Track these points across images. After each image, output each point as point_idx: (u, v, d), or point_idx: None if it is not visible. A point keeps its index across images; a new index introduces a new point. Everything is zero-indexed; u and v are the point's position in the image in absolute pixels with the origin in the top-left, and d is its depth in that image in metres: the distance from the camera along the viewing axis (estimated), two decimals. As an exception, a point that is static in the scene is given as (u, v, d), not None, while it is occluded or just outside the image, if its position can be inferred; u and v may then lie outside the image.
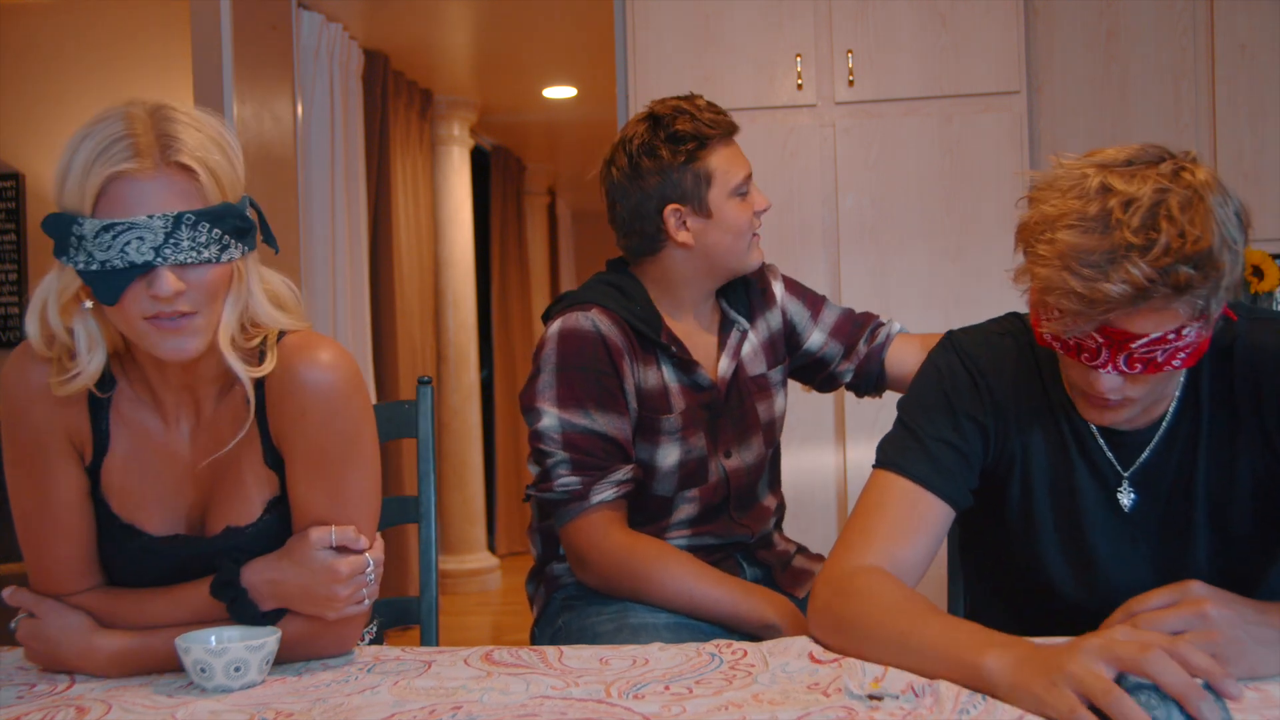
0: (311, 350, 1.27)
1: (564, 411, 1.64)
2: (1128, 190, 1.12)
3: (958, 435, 1.32)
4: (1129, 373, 1.16)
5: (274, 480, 1.30)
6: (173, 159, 1.16)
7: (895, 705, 1.01)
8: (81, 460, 1.29)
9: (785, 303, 1.89)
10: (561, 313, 1.72)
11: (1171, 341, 1.14)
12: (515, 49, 4.84)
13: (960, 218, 3.02)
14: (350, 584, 1.24)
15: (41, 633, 1.27)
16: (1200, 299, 1.11)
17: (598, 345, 1.66)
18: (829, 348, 1.88)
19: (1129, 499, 1.30)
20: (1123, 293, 1.09)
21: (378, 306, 4.74)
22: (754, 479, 1.81)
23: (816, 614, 1.23)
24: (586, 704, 1.06)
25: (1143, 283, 1.09)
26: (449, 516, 5.59)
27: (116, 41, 4.26)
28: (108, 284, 1.15)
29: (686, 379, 1.74)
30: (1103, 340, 1.15)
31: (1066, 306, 1.13)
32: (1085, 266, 1.10)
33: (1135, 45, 3.15)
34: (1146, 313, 1.12)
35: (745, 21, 3.10)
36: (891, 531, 1.26)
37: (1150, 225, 1.09)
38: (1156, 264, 1.08)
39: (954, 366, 1.37)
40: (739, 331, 1.82)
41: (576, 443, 1.63)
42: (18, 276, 4.36)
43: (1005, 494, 1.35)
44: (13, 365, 1.27)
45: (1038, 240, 1.15)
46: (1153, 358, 1.15)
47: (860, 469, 3.01)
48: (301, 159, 3.78)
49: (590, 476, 1.63)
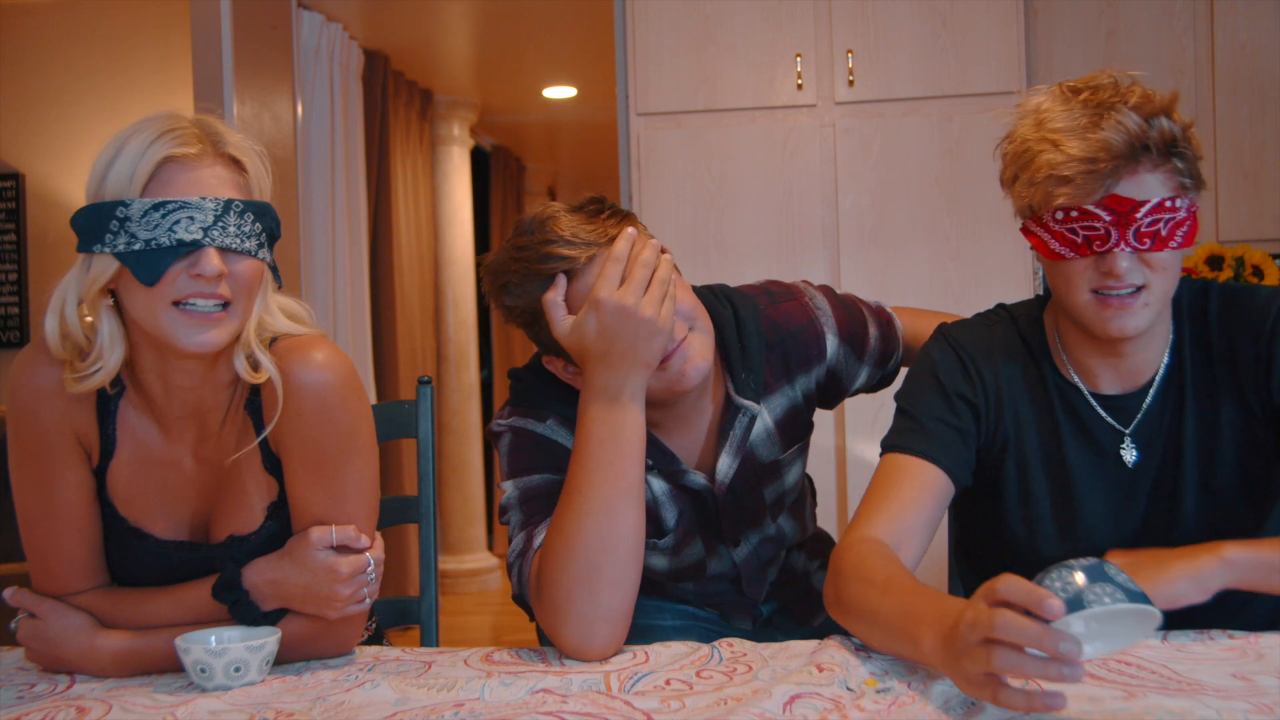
0: (305, 351, 1.27)
1: (518, 478, 1.40)
2: (1090, 83, 1.25)
3: (952, 414, 1.37)
4: (1140, 248, 1.22)
5: (273, 485, 1.30)
6: (224, 150, 1.22)
7: (882, 695, 1.01)
8: (89, 461, 1.29)
9: (835, 360, 1.54)
10: (516, 408, 1.45)
11: (1170, 210, 1.22)
12: (515, 49, 4.84)
13: (960, 218, 3.02)
14: (351, 583, 1.24)
15: (42, 633, 1.27)
16: (1186, 157, 1.23)
17: (556, 453, 1.41)
18: (866, 377, 1.60)
19: (1132, 455, 1.34)
20: (1121, 139, 1.19)
21: (378, 306, 4.74)
22: (774, 553, 1.57)
23: (825, 593, 1.28)
24: (586, 699, 1.06)
25: (1134, 129, 1.19)
26: (449, 516, 5.58)
27: (116, 41, 4.25)
28: (151, 263, 1.16)
29: (676, 483, 1.47)
30: (1110, 219, 1.21)
31: (1074, 171, 1.20)
32: (1076, 132, 1.21)
33: (1135, 45, 3.15)
34: (1143, 173, 1.21)
35: (745, 21, 3.10)
36: (892, 504, 1.31)
37: (1119, 89, 1.23)
38: (1140, 111, 1.20)
39: (945, 353, 1.42)
40: (746, 418, 1.47)
41: (531, 496, 1.39)
42: (18, 276, 4.35)
43: (1000, 474, 1.40)
44: (22, 364, 1.27)
45: (1028, 150, 1.25)
46: (1156, 230, 1.22)
47: (859, 464, 3.01)
48: (301, 159, 3.78)
49: (533, 525, 1.36)
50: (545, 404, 1.44)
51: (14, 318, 4.35)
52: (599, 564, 1.26)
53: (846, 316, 1.56)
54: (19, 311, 4.35)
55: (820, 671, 1.09)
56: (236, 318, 1.21)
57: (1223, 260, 2.95)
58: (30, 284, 4.34)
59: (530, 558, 1.32)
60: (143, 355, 1.25)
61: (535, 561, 1.31)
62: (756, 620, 1.64)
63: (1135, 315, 1.26)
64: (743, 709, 0.99)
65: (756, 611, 1.63)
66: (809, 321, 1.52)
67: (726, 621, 1.63)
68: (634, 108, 3.12)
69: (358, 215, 4.42)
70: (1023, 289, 2.97)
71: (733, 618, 1.62)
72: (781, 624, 1.65)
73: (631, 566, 1.28)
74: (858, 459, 3.03)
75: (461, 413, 5.62)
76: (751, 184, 3.08)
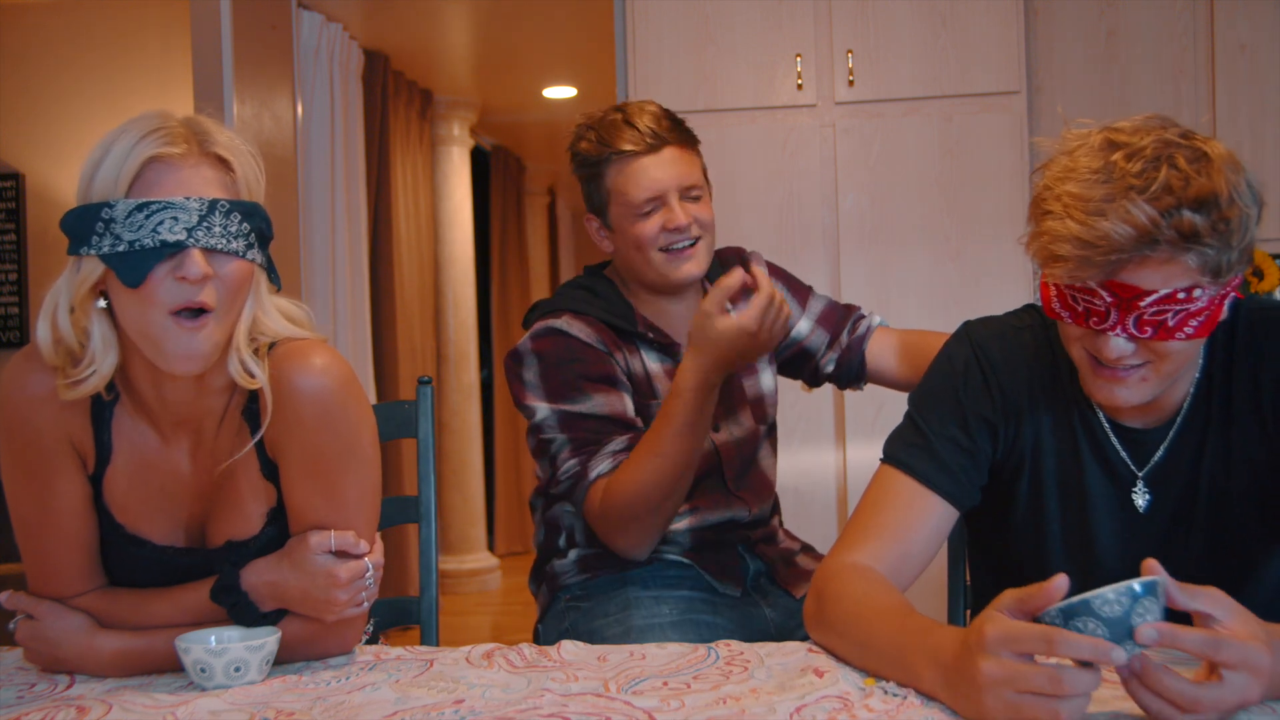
0: (303, 356, 1.25)
1: (555, 403, 1.68)
2: (1131, 141, 1.11)
3: (965, 434, 1.30)
4: (1139, 336, 1.12)
5: (271, 491, 1.29)
6: (210, 149, 1.20)
7: (888, 694, 1.01)
8: (84, 468, 1.27)
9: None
10: (536, 321, 1.75)
11: (1181, 302, 1.10)
12: (515, 49, 4.84)
13: (960, 218, 3.02)
14: (349, 589, 1.24)
15: (41, 634, 1.26)
16: (1210, 251, 1.08)
17: (573, 343, 1.70)
18: (815, 336, 1.89)
19: (1144, 499, 1.28)
20: (1124, 235, 1.07)
21: (378, 306, 4.74)
22: (747, 453, 1.82)
23: (805, 611, 1.25)
24: (586, 699, 1.06)
25: (1143, 223, 1.06)
26: (449, 516, 5.59)
27: (116, 41, 4.25)
28: (135, 265, 1.14)
29: (670, 362, 1.77)
30: (1110, 300, 1.11)
31: (1069, 253, 1.10)
32: (1084, 207, 1.09)
33: (1135, 45, 3.15)
34: (1154, 265, 1.09)
35: (745, 21, 3.10)
36: (888, 529, 1.26)
37: (1152, 169, 1.08)
38: (1157, 203, 1.06)
39: (968, 361, 1.34)
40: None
41: (573, 425, 1.67)
42: (18, 276, 4.36)
43: (1014, 492, 1.34)
44: (14, 371, 1.25)
45: (1045, 200, 1.14)
46: (1163, 320, 1.11)
47: (860, 469, 3.01)
48: (301, 159, 3.78)
49: (587, 454, 1.66)
50: (558, 307, 1.75)
51: (14, 318, 4.36)
52: (661, 509, 1.62)
53: (778, 267, 1.94)
54: (19, 312, 4.35)
55: (820, 676, 1.10)
56: (221, 320, 1.19)
57: (1223, 260, 2.94)
58: (30, 284, 4.33)
59: (586, 485, 1.65)
60: (136, 361, 1.23)
61: (599, 490, 1.64)
62: (744, 583, 1.77)
63: (1130, 390, 1.17)
64: (748, 718, 0.99)
65: (744, 566, 1.78)
66: (741, 255, 1.90)
67: (714, 589, 1.74)
68: (634, 108, 3.12)
69: (358, 215, 4.42)
70: (1023, 290, 2.98)
71: (722, 578, 1.74)
72: (768, 589, 1.79)
73: (678, 506, 1.66)
74: (858, 460, 3.03)
75: (461, 413, 5.62)
76: (751, 184, 3.08)
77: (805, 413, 3.01)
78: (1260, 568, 1.29)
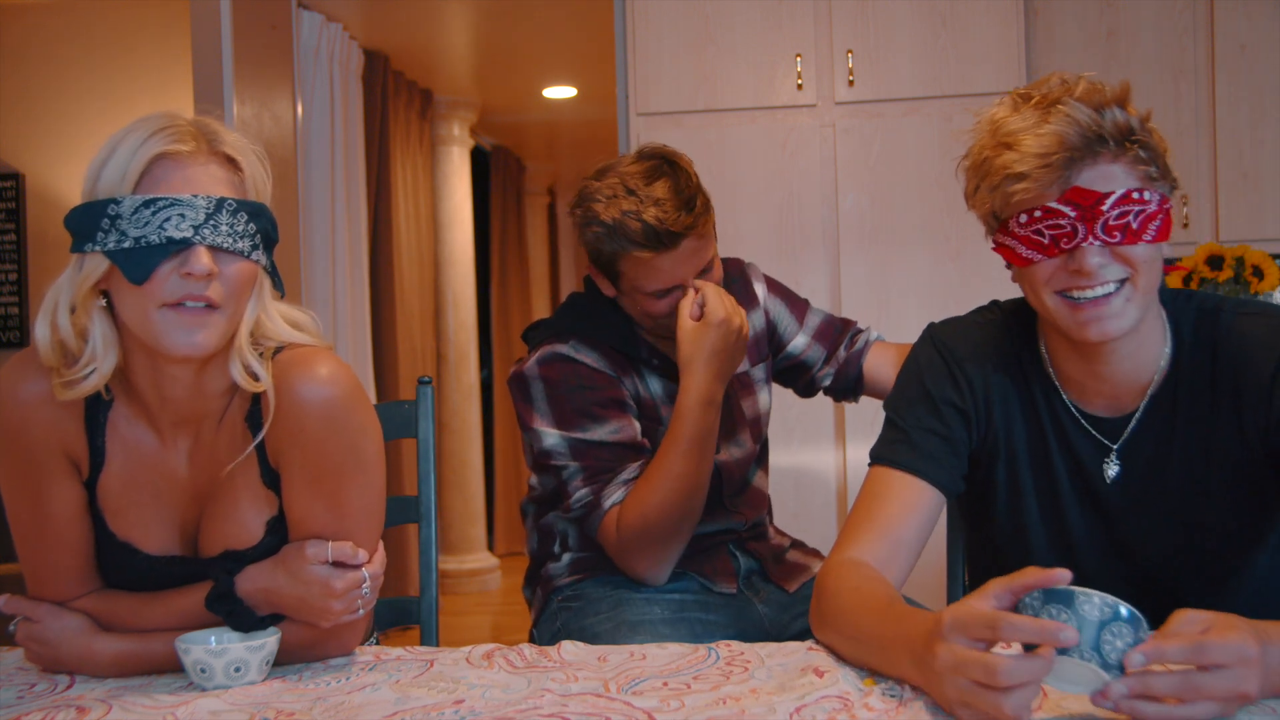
0: (309, 365, 1.23)
1: (565, 430, 1.68)
2: (1035, 90, 1.22)
3: (940, 423, 1.34)
4: (1110, 241, 1.17)
5: (272, 500, 1.27)
6: (219, 149, 1.19)
7: (888, 694, 1.02)
8: (78, 474, 1.26)
9: (768, 303, 1.89)
10: (540, 344, 1.74)
11: (1138, 202, 1.17)
12: (515, 49, 4.84)
13: (960, 218, 3.02)
14: (345, 599, 1.22)
15: (41, 635, 1.26)
16: (1145, 153, 1.18)
17: (581, 369, 1.69)
18: (811, 351, 1.90)
19: (1114, 469, 1.30)
20: (1073, 132, 1.15)
21: (378, 306, 4.74)
22: (744, 471, 1.84)
23: (810, 612, 1.27)
24: (586, 699, 1.06)
25: (1085, 120, 1.15)
26: (449, 516, 5.59)
27: (116, 41, 4.26)
28: (140, 261, 1.13)
29: (672, 387, 1.74)
30: (1074, 214, 1.17)
31: (1029, 168, 1.16)
32: (1028, 130, 1.17)
33: (1135, 45, 3.15)
34: (1105, 161, 1.17)
35: (745, 21, 3.10)
36: (877, 522, 1.29)
37: (1066, 85, 1.19)
38: (1088, 102, 1.16)
39: (931, 357, 1.39)
40: None
41: (584, 453, 1.67)
42: (18, 276, 4.36)
43: (993, 479, 1.37)
44: (8, 375, 1.24)
45: (984, 156, 1.22)
46: (1126, 223, 1.17)
47: (860, 468, 3.00)
48: (301, 159, 3.78)
49: (600, 483, 1.67)
50: (563, 330, 1.73)
51: (14, 318, 4.36)
52: (679, 531, 1.65)
53: (776, 281, 1.94)
54: (19, 312, 4.35)
55: (820, 676, 1.10)
56: (226, 319, 1.18)
57: (1223, 260, 2.95)
58: (30, 284, 4.34)
59: (600, 515, 1.66)
60: (136, 360, 1.22)
61: (613, 517, 1.65)
62: (738, 581, 1.77)
63: (1116, 318, 1.19)
64: (748, 718, 1.00)
65: (736, 564, 1.78)
66: (747, 277, 1.91)
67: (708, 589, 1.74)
68: (634, 108, 3.12)
69: (358, 215, 4.42)
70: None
71: (716, 579, 1.75)
72: (760, 586, 1.79)
73: (694, 526, 1.68)
74: (858, 459, 3.03)
75: (461, 413, 5.62)
76: (751, 184, 3.08)
77: (805, 413, 3.01)
78: (1242, 570, 1.30)
